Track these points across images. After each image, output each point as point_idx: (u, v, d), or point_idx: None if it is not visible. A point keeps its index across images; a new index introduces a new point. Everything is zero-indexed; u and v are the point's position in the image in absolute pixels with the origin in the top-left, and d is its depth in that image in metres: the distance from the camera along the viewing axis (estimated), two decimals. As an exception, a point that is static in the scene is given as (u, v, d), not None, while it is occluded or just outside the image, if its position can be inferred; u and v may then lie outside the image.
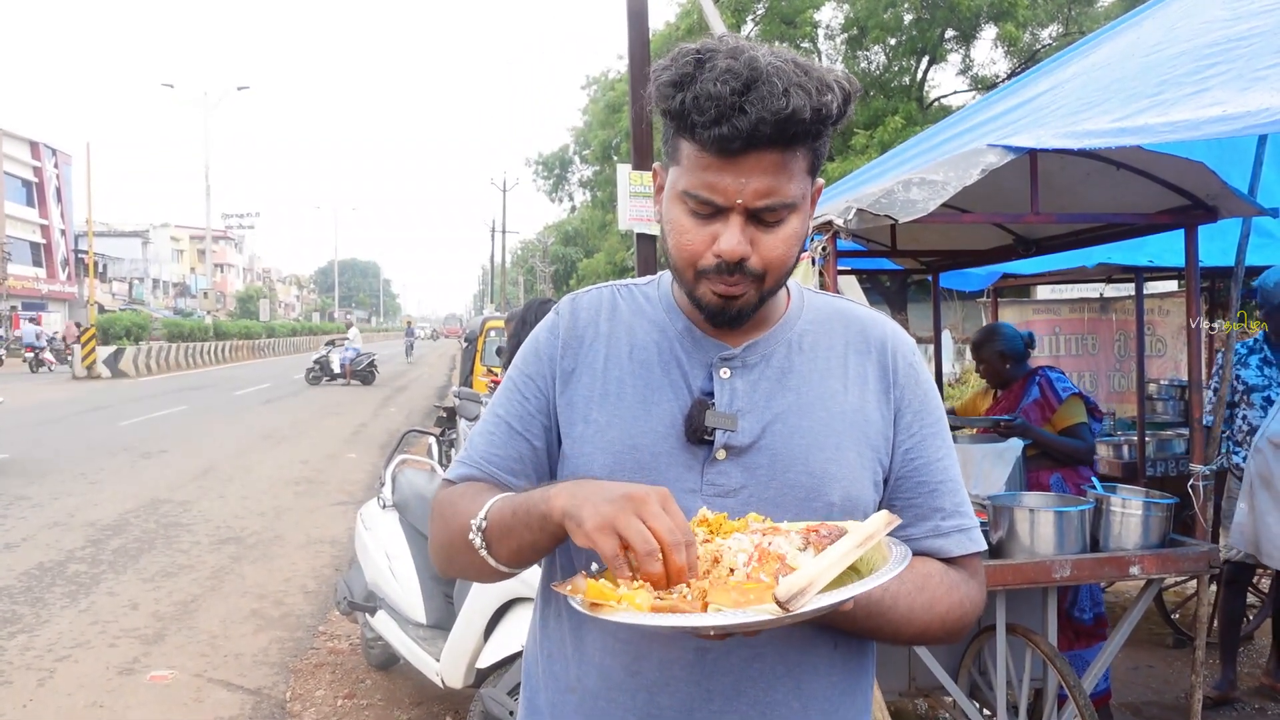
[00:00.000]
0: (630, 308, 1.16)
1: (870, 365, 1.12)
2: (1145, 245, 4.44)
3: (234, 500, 8.07)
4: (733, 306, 1.04)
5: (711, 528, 0.94)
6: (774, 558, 0.87)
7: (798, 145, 0.97)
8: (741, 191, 0.97)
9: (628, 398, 1.09)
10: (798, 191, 0.99)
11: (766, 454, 1.06)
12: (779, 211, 0.99)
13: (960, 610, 1.08)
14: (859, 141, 16.19)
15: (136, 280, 57.63)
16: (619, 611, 0.84)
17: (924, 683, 3.14)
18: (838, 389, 1.09)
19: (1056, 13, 18.01)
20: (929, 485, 1.10)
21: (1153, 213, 3.08)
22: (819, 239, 2.81)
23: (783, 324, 1.12)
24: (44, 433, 12.36)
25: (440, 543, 1.12)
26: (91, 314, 26.04)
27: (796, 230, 1.02)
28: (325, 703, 3.95)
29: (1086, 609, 3.39)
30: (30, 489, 8.39)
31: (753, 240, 1.00)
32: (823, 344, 1.12)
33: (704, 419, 1.05)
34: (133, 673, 4.20)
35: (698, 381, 1.09)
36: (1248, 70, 2.13)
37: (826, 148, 1.02)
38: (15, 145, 42.85)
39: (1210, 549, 2.81)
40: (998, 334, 3.72)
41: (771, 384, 1.09)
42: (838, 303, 1.18)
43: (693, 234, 1.02)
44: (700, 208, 1.00)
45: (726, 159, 0.96)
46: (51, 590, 5.40)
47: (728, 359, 1.09)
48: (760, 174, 0.96)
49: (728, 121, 0.93)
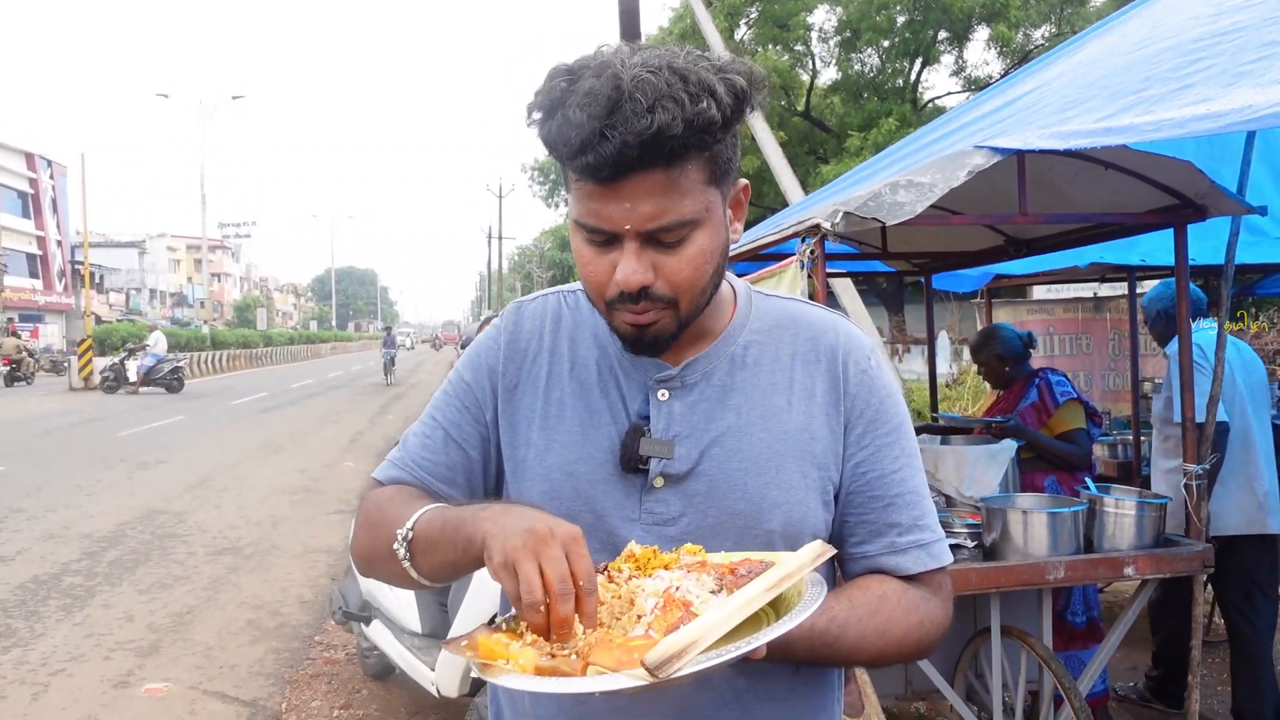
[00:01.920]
0: (574, 319, 1.12)
1: (819, 376, 1.06)
2: (1137, 244, 4.43)
3: (230, 510, 8.05)
4: (647, 335, 0.98)
5: (639, 563, 0.89)
6: (679, 605, 0.81)
7: (683, 159, 0.91)
8: (629, 216, 0.92)
9: (567, 420, 1.06)
10: (695, 206, 0.93)
11: (704, 480, 1.02)
12: (676, 231, 0.93)
13: (920, 632, 1.02)
14: (853, 143, 16.23)
15: (133, 290, 57.61)
16: (504, 673, 0.80)
17: (920, 686, 3.13)
18: (781, 405, 1.04)
19: (1049, 13, 18.06)
20: (883, 500, 1.05)
21: (1142, 212, 3.08)
22: (808, 242, 2.80)
23: (725, 336, 1.07)
24: (40, 444, 12.34)
25: (363, 545, 1.07)
26: (88, 325, 26.04)
27: (705, 247, 0.96)
28: (321, 713, 3.93)
29: (1079, 612, 3.37)
30: (26, 501, 8.36)
31: (655, 264, 0.94)
32: (768, 356, 1.06)
33: (638, 447, 1.01)
34: (128, 686, 4.18)
35: (634, 404, 1.05)
36: (1232, 66, 2.13)
37: (730, 151, 0.96)
38: (10, 157, 42.84)
39: (1205, 548, 2.81)
40: (996, 336, 3.71)
41: (711, 404, 1.04)
42: (790, 308, 1.12)
43: (594, 264, 0.97)
44: (594, 236, 0.96)
45: (606, 186, 0.91)
46: (46, 604, 5.37)
47: (665, 380, 1.04)
48: (645, 196, 0.91)
49: (592, 149, 0.87)
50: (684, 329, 1.00)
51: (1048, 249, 3.80)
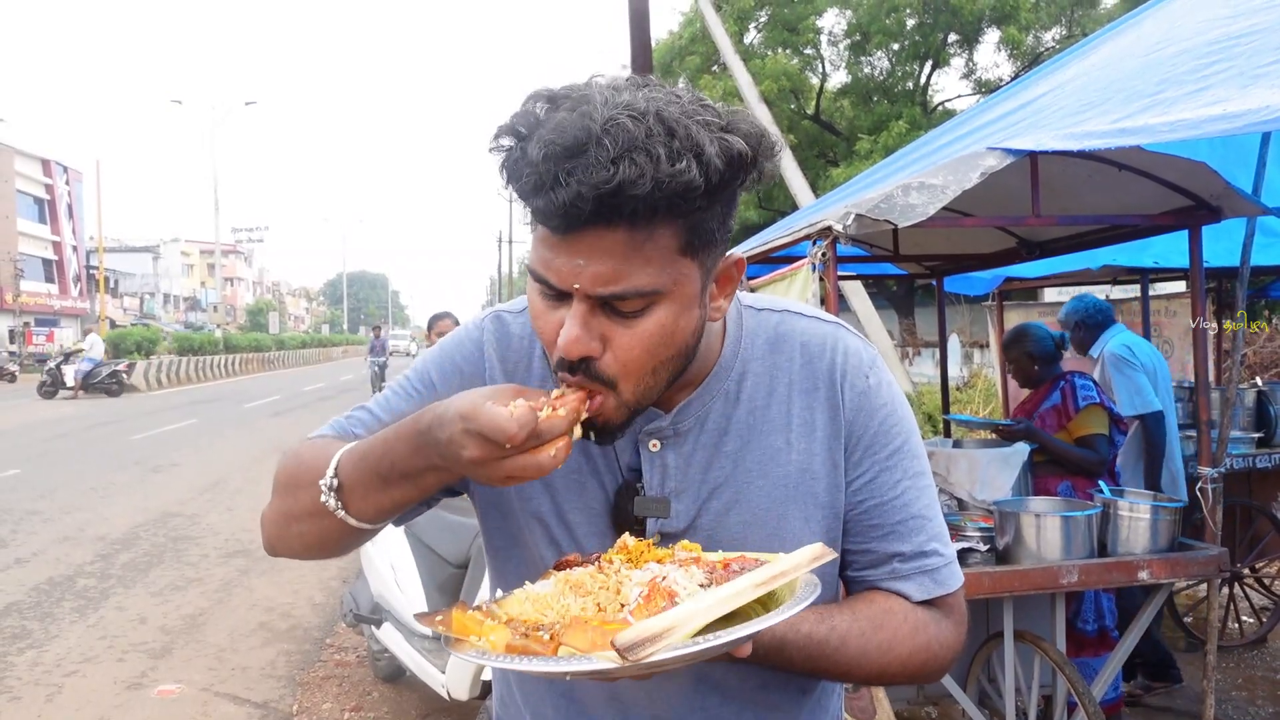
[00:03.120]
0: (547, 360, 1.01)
1: (819, 405, 0.98)
2: (1150, 246, 4.41)
3: (243, 513, 8.08)
4: (595, 422, 0.85)
5: (631, 556, 0.87)
6: (664, 594, 0.78)
7: (650, 223, 0.78)
8: (579, 275, 0.80)
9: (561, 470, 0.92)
10: (659, 278, 0.81)
11: (703, 536, 0.95)
12: (631, 301, 0.81)
13: (926, 654, 0.96)
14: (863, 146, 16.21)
15: (147, 295, 58.03)
16: (474, 649, 0.78)
17: (933, 691, 3.12)
18: (780, 446, 0.97)
19: (1059, 15, 18.01)
20: (883, 529, 0.98)
21: (1156, 214, 3.06)
22: (819, 244, 2.80)
23: (717, 372, 0.97)
24: (55, 447, 12.42)
25: (280, 506, 0.98)
26: (103, 329, 26.26)
27: (665, 325, 0.83)
28: (332, 716, 3.94)
29: (1089, 620, 3.34)
30: (41, 504, 8.42)
31: (605, 335, 0.83)
32: (763, 388, 0.98)
33: (632, 507, 0.95)
34: (140, 687, 4.20)
35: (625, 456, 0.97)
36: (1249, 68, 2.12)
37: (717, 220, 0.83)
38: (27, 163, 43.23)
39: (1220, 552, 2.78)
40: (1028, 334, 3.65)
41: (707, 452, 0.96)
42: (782, 325, 1.01)
43: (543, 319, 0.86)
44: (544, 289, 0.84)
45: (560, 236, 0.80)
46: (60, 605, 5.41)
47: (655, 431, 0.96)
48: (601, 256, 0.79)
49: (544, 194, 0.76)
50: (635, 416, 0.89)
51: (1060, 251, 3.78)
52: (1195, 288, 3.01)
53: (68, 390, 21.10)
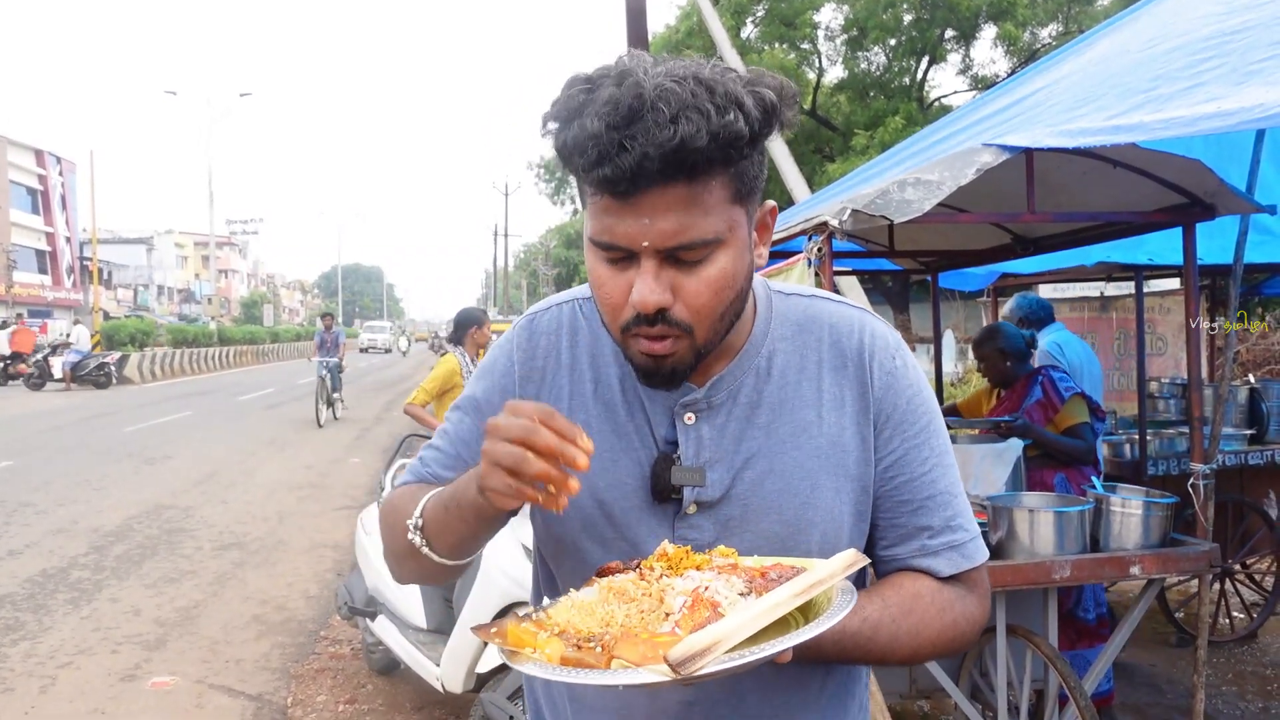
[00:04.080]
0: (591, 332, 1.06)
1: (848, 382, 1.02)
2: (1145, 243, 4.42)
3: (237, 505, 8.08)
4: (664, 366, 0.93)
5: (671, 563, 0.90)
6: (707, 605, 0.81)
7: (707, 174, 0.86)
8: (647, 233, 0.86)
9: (595, 446, 0.99)
10: (718, 225, 0.88)
11: (738, 504, 0.99)
12: (697, 250, 0.88)
13: (954, 630, 1.00)
14: (859, 142, 16.20)
15: (141, 287, 57.80)
16: (529, 661, 0.81)
17: (925, 684, 3.13)
18: (811, 419, 1.00)
19: (1056, 11, 17.99)
20: (911, 504, 1.02)
21: (1150, 211, 3.07)
22: (815, 240, 2.80)
23: (748, 348, 1.02)
24: (48, 439, 12.39)
25: (386, 547, 1.08)
26: (96, 321, 26.15)
27: (726, 269, 0.90)
28: (326, 708, 3.94)
29: (1090, 609, 3.37)
30: (35, 496, 8.40)
31: (674, 286, 0.89)
32: (794, 365, 1.02)
33: (669, 477, 0.99)
34: (134, 679, 4.20)
35: (661, 429, 1.01)
36: (1242, 64, 2.12)
37: (757, 168, 0.91)
38: (20, 153, 43.02)
39: (1211, 548, 2.80)
40: (999, 333, 3.71)
41: (740, 424, 1.00)
42: (812, 307, 1.06)
43: (609, 285, 0.92)
44: (610, 254, 0.91)
45: (623, 201, 0.86)
46: (54, 597, 5.40)
47: (690, 404, 1.00)
48: (665, 212, 0.86)
49: (610, 162, 0.83)
50: (701, 359, 0.95)
51: (1055, 248, 3.79)
52: (1189, 285, 3.02)
53: (56, 382, 21.01)
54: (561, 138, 0.86)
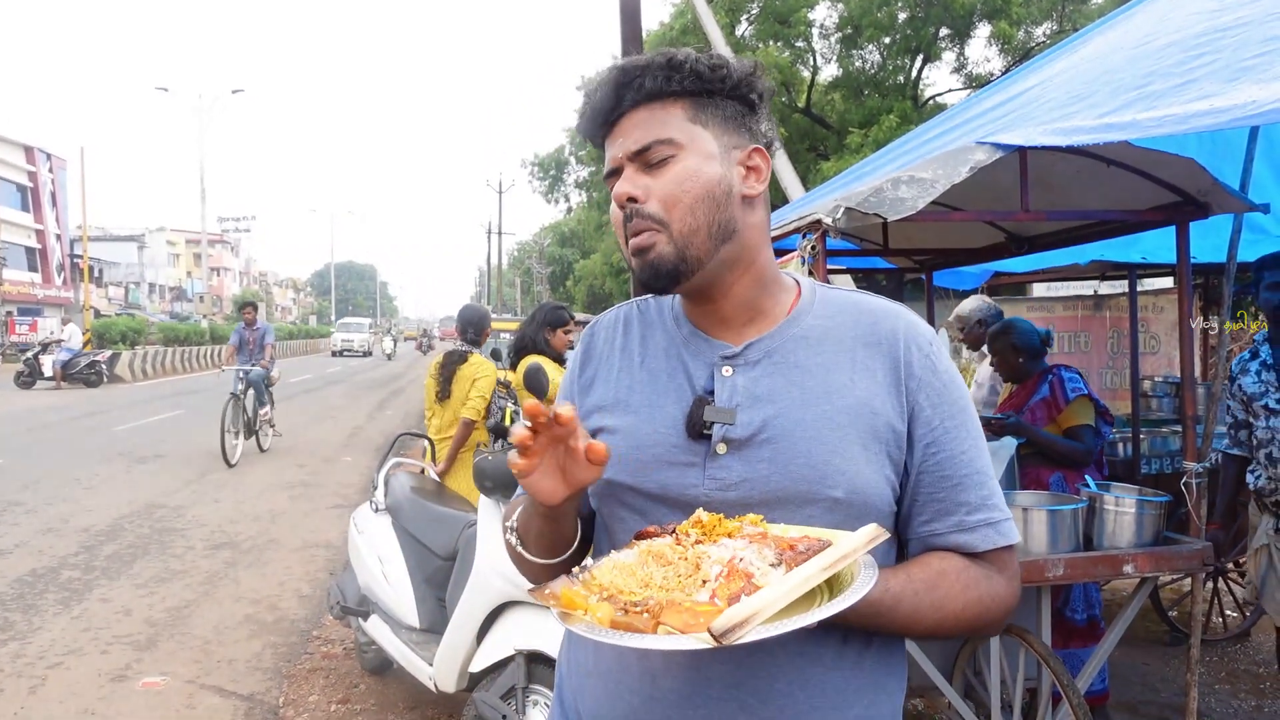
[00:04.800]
0: (643, 321, 1.22)
1: (880, 358, 1.09)
2: (1138, 242, 4.43)
3: (229, 505, 8.05)
4: (648, 260, 1.08)
5: (705, 529, 0.96)
6: (742, 575, 0.88)
7: (664, 101, 1.08)
8: (623, 148, 1.10)
9: (635, 404, 1.15)
10: (677, 134, 1.07)
11: (767, 447, 1.06)
12: (654, 149, 1.07)
13: (980, 607, 1.05)
14: (854, 140, 16.20)
15: (132, 284, 57.53)
16: (579, 623, 0.88)
17: (919, 683, 3.12)
18: (844, 382, 1.08)
19: (1050, 10, 18.03)
20: (952, 479, 1.07)
21: (1144, 209, 3.07)
22: (809, 238, 2.79)
23: (789, 320, 1.13)
24: (38, 438, 12.32)
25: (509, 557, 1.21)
26: (87, 319, 26.02)
27: (689, 168, 1.07)
28: (319, 708, 3.93)
29: (1079, 609, 3.37)
30: (24, 495, 8.35)
31: (647, 187, 1.08)
32: (831, 337, 1.11)
33: (703, 414, 1.08)
34: (125, 679, 4.17)
35: (700, 381, 1.12)
36: (1234, 61, 2.12)
37: (728, 111, 1.10)
38: (10, 150, 42.76)
39: (1204, 547, 2.80)
40: (1013, 328, 3.69)
41: (774, 379, 1.09)
42: (853, 296, 1.16)
43: (613, 208, 1.12)
44: (610, 181, 1.12)
45: (611, 135, 1.11)
46: (44, 597, 5.37)
47: (729, 357, 1.12)
48: (632, 128, 1.09)
49: (591, 105, 1.11)
50: (687, 264, 1.07)
51: (1049, 246, 3.79)
52: (1182, 284, 3.02)
53: (46, 380, 20.87)
54: (579, 123, 1.15)
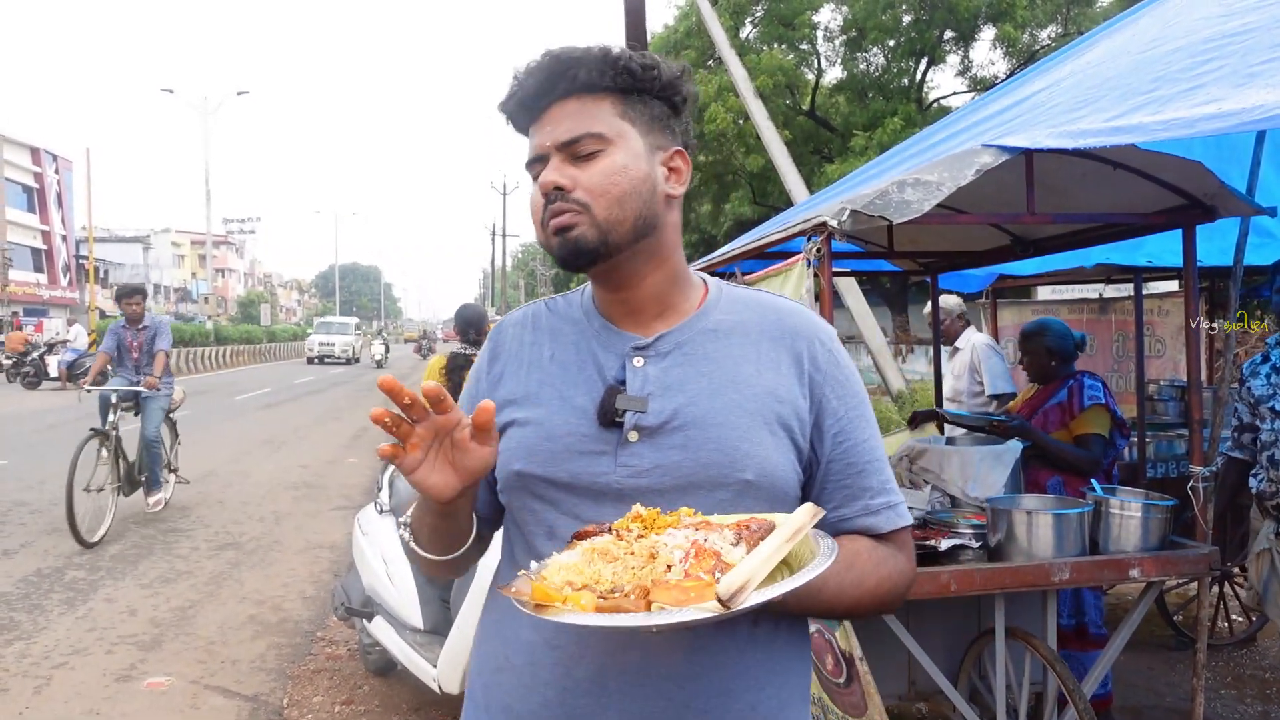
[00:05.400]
0: (553, 316, 1.23)
1: (784, 352, 1.15)
2: (1144, 245, 4.42)
3: (233, 506, 8.06)
4: (569, 238, 1.09)
5: (645, 523, 0.98)
6: (710, 554, 0.90)
7: (594, 95, 1.10)
8: (550, 137, 1.10)
9: (544, 396, 1.15)
10: (606, 129, 1.09)
11: (679, 434, 1.09)
12: (584, 141, 1.09)
13: (890, 583, 1.12)
14: (858, 143, 16.20)
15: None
16: (564, 612, 0.88)
17: (924, 687, 3.13)
18: (751, 372, 1.13)
19: (1055, 13, 18.02)
20: (857, 466, 1.14)
21: (1150, 213, 3.06)
22: (814, 240, 2.79)
23: (698, 314, 1.17)
24: (43, 438, 12.35)
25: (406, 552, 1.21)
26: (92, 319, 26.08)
27: (617, 162, 1.09)
28: (323, 709, 3.93)
29: (1065, 615, 3.35)
30: (29, 495, 8.37)
31: (574, 177, 1.09)
32: (738, 331, 1.16)
33: (614, 402, 1.10)
34: (130, 680, 4.18)
35: (612, 371, 1.14)
36: (1243, 66, 2.12)
37: (655, 111, 1.13)
38: (16, 151, 42.91)
39: (1211, 551, 2.79)
40: (1049, 329, 3.66)
41: (684, 369, 1.13)
42: (759, 295, 1.22)
43: (533, 194, 1.13)
44: (534, 168, 1.13)
45: (538, 122, 1.12)
46: (49, 597, 5.38)
47: (640, 348, 1.14)
48: (562, 118, 1.10)
49: (520, 89, 1.12)
50: (607, 247, 1.09)
51: (1054, 249, 3.79)
52: (1189, 287, 3.01)
53: (51, 381, 20.95)
54: (503, 106, 1.15)
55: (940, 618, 3.04)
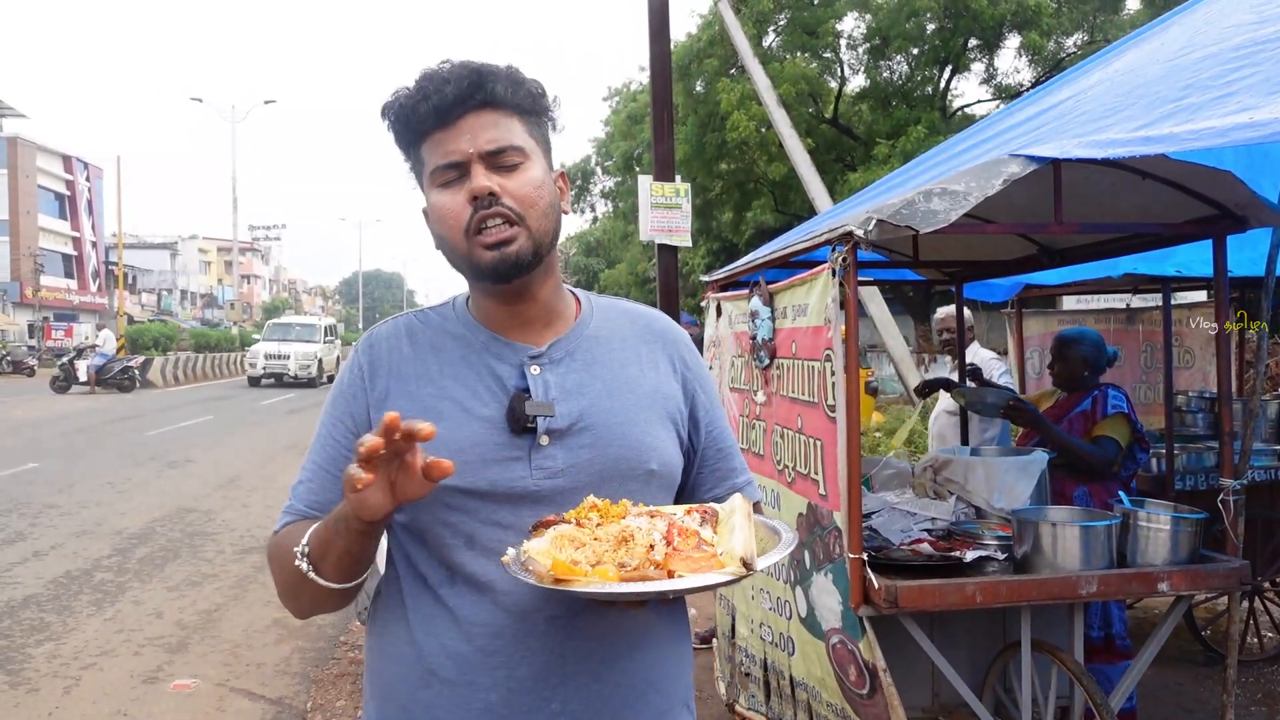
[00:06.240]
0: (429, 331, 1.24)
1: (659, 353, 1.28)
2: (1173, 255, 4.37)
3: (258, 509, 8.14)
4: (509, 253, 1.12)
5: (602, 512, 1.06)
6: (690, 533, 1.01)
7: (508, 111, 1.14)
8: (473, 143, 1.12)
9: (445, 410, 1.15)
10: (523, 144, 1.15)
11: (587, 434, 1.17)
12: (509, 154, 1.13)
13: None
14: (881, 151, 16.13)
15: (165, 291, 58.47)
16: (591, 583, 0.95)
17: (948, 699, 3.10)
18: (636, 373, 1.24)
19: (1081, 21, 17.86)
20: (724, 450, 1.33)
21: (1179, 222, 3.03)
22: (839, 250, 2.78)
23: (579, 323, 1.25)
24: (72, 442, 12.53)
25: (279, 584, 1.18)
26: (121, 325, 26.47)
27: (538, 178, 1.15)
28: (346, 713, 3.95)
29: (1095, 626, 3.32)
30: (59, 498, 8.50)
31: (501, 184, 1.12)
32: (616, 337, 1.26)
33: (524, 409, 1.14)
34: (156, 681, 4.23)
35: (512, 381, 1.18)
36: (1275, 74, 2.09)
37: (545, 132, 1.20)
38: (48, 159, 43.67)
39: (1241, 565, 2.75)
40: (1087, 338, 3.69)
41: (579, 374, 1.20)
42: (620, 303, 1.34)
43: (450, 204, 1.14)
44: (448, 174, 1.14)
45: (451, 129, 1.13)
46: (78, 598, 5.46)
47: (536, 357, 1.20)
48: (483, 128, 1.13)
49: (433, 98, 1.12)
50: (537, 258, 1.15)
51: (1081, 259, 3.75)
52: (1220, 298, 2.97)
53: (81, 385, 21.26)
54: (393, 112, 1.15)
55: (965, 629, 3.02)
